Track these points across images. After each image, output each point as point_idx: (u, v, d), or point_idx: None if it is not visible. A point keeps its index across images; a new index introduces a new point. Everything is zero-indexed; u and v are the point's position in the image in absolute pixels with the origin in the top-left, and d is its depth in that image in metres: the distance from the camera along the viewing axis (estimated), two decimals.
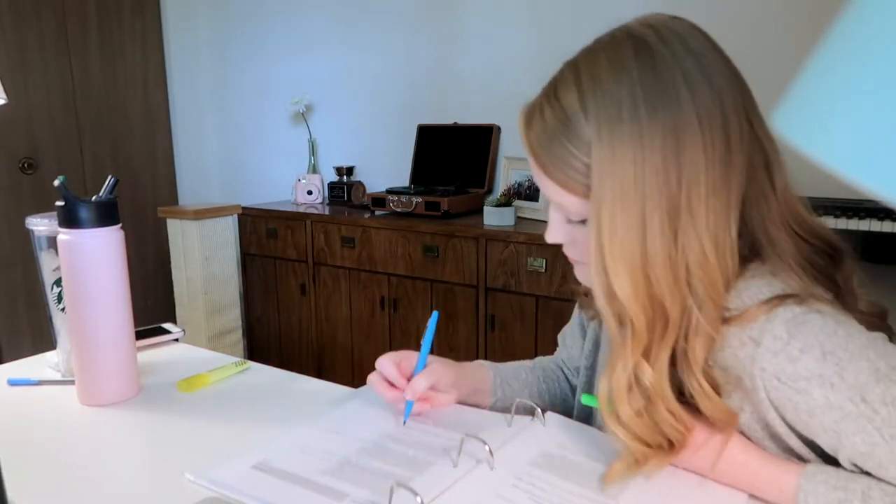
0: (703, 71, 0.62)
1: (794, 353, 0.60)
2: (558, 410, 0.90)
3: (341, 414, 0.86)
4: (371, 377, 0.85)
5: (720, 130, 0.62)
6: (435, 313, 0.87)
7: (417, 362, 0.85)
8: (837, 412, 0.59)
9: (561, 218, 0.71)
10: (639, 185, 0.61)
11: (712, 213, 0.62)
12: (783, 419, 0.64)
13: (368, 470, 0.72)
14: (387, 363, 0.84)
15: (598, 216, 0.64)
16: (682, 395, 0.67)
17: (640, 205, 0.62)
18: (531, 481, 0.70)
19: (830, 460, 0.64)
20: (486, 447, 0.71)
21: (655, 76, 0.61)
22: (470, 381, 0.89)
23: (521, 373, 0.96)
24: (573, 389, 1.00)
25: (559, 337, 1.04)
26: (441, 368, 0.86)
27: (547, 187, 0.68)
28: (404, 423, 0.82)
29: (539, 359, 1.03)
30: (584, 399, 0.79)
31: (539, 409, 0.82)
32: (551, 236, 0.73)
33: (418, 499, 0.62)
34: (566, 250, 0.75)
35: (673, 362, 0.66)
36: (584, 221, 0.68)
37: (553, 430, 0.81)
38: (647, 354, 0.65)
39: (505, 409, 0.86)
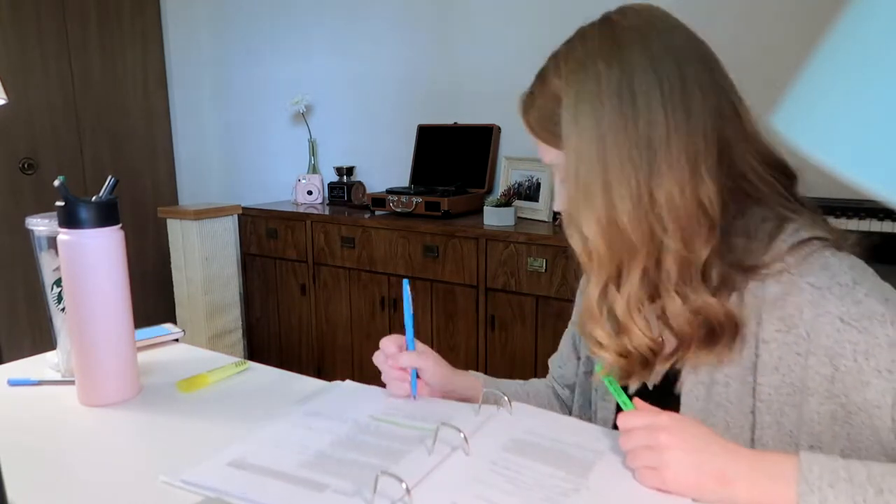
0: (657, 31, 0.72)
1: (860, 297, 0.66)
2: None
3: (312, 408, 0.88)
4: (377, 356, 0.91)
5: (676, 76, 0.70)
6: (405, 282, 0.91)
7: (406, 342, 0.91)
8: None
9: (560, 184, 0.78)
10: (599, 126, 0.70)
11: (677, 155, 0.69)
12: (833, 370, 0.66)
13: (346, 461, 0.73)
14: (388, 343, 0.91)
15: (567, 159, 0.73)
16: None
17: (601, 145, 0.70)
18: (506, 465, 0.72)
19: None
20: (462, 434, 0.73)
21: (613, 38, 0.71)
22: (459, 387, 0.92)
23: (511, 386, 1.00)
24: (564, 408, 1.04)
25: (549, 362, 1.07)
26: (433, 365, 0.90)
27: (542, 152, 0.78)
28: (414, 396, 0.88)
29: (532, 381, 1.06)
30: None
31: (506, 398, 0.83)
32: (556, 203, 0.80)
33: (403, 485, 0.63)
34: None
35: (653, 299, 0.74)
36: None
37: (520, 416, 0.83)
38: (617, 282, 0.73)
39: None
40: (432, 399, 0.91)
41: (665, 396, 0.80)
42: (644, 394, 0.84)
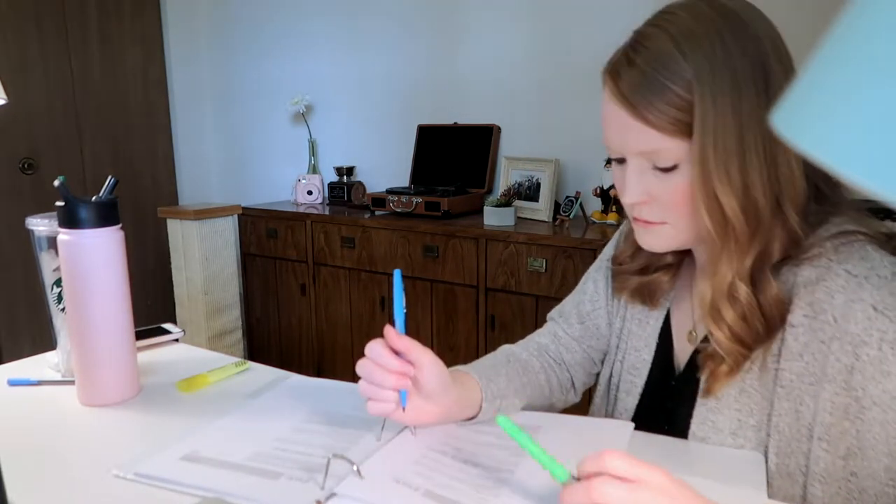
0: (764, 20, 0.73)
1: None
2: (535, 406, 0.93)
3: (263, 402, 0.91)
4: (363, 364, 0.74)
5: (788, 62, 0.71)
6: (397, 272, 0.76)
7: (396, 324, 0.74)
8: None
9: (643, 173, 0.72)
10: (736, 114, 0.67)
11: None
12: (854, 359, 0.65)
13: (296, 451, 0.76)
14: (376, 345, 0.74)
15: (702, 146, 0.67)
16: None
17: (739, 132, 0.67)
18: (452, 443, 0.76)
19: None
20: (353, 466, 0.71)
21: (736, 20, 0.69)
22: (458, 394, 0.78)
23: (509, 387, 0.87)
24: (564, 378, 1.01)
25: (556, 314, 1.02)
26: (433, 360, 0.74)
27: (637, 137, 0.70)
28: (403, 408, 0.74)
29: (509, 352, 0.98)
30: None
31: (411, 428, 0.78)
32: (633, 194, 0.73)
33: (354, 467, 0.67)
34: (641, 212, 0.75)
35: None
36: (672, 169, 0.70)
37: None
38: (742, 259, 0.71)
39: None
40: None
41: (687, 384, 0.81)
42: (668, 384, 0.85)
